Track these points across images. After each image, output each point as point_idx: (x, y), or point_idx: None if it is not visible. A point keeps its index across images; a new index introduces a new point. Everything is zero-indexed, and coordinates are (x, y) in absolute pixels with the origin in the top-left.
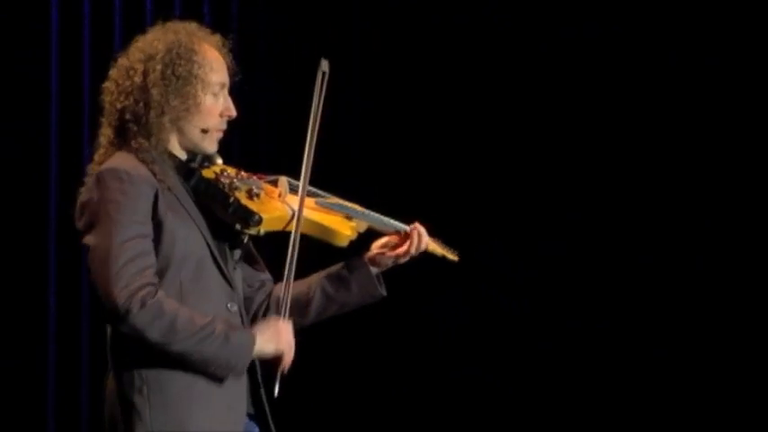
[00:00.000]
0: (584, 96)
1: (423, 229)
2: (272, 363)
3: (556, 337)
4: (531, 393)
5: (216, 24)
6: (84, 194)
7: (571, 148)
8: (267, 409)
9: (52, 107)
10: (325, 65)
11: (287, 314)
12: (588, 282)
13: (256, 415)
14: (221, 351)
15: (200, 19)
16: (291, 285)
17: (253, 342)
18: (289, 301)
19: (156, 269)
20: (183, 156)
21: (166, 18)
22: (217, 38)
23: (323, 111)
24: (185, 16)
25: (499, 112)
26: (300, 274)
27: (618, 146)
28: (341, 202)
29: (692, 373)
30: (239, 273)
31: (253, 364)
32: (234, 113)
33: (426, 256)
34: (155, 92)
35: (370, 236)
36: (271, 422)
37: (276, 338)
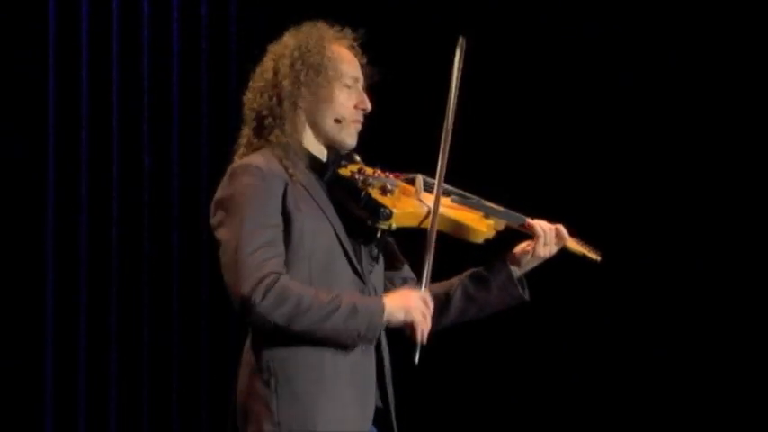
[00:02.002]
0: (583, 97)
1: (547, 225)
2: (409, 333)
3: (554, 338)
4: (529, 394)
5: (213, 27)
6: (218, 191)
7: (570, 149)
8: (392, 404)
9: (49, 108)
10: (462, 42)
11: (425, 286)
12: (587, 282)
13: (382, 410)
14: (350, 321)
15: (197, 21)
16: (431, 259)
17: (382, 309)
18: (428, 273)
19: (283, 259)
20: (321, 153)
21: (165, 19)
22: (349, 38)
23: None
24: (183, 18)
25: (497, 112)
26: (440, 275)
27: (617, 146)
28: (479, 200)
29: (692, 373)
30: (378, 272)
31: (381, 356)
32: (368, 106)
33: (567, 255)
34: (286, 83)
35: (515, 238)
36: (393, 420)
37: (405, 305)
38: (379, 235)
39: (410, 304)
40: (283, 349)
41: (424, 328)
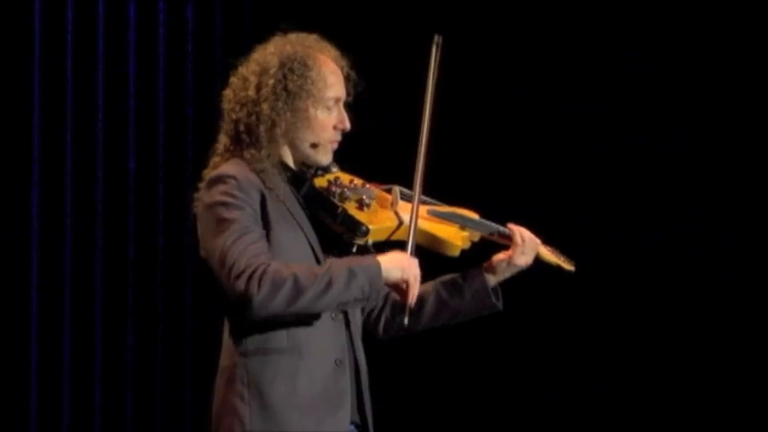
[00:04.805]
0: (582, 96)
1: (527, 233)
2: (400, 293)
3: (555, 339)
4: (531, 394)
5: (200, 30)
6: (197, 203)
7: (570, 149)
8: (370, 420)
9: (34, 110)
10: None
11: (411, 251)
12: (587, 282)
13: (361, 425)
14: (351, 285)
15: (183, 24)
16: (415, 230)
17: (379, 267)
18: (413, 240)
19: (269, 255)
20: (296, 167)
21: (151, 22)
22: (334, 50)
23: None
24: (169, 21)
25: (496, 112)
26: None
27: (617, 146)
28: (455, 210)
29: (692, 372)
30: None
31: (358, 371)
32: (348, 126)
33: (542, 265)
34: (265, 106)
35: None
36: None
37: (401, 264)
38: (355, 249)
39: (405, 264)
40: (257, 361)
41: (415, 292)
